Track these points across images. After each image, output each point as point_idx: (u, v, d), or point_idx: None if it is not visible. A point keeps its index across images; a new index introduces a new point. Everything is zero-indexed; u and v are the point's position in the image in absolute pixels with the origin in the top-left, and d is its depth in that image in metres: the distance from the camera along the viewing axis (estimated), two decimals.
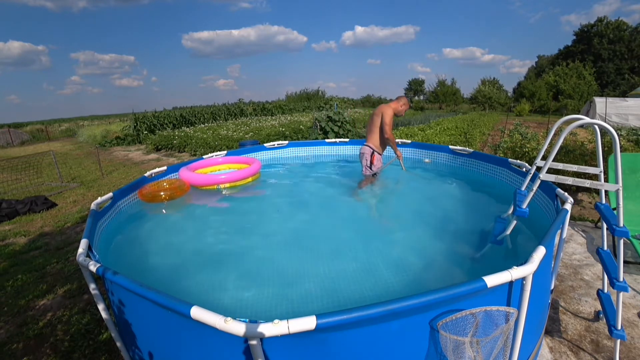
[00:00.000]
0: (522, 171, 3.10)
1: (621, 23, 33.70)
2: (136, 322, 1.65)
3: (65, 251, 3.91)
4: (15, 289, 3.12)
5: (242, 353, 1.19)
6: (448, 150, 4.35)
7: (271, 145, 5.25)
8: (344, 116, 10.25)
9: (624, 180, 1.78)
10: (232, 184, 3.89)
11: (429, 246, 2.51)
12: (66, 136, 23.90)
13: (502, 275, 1.26)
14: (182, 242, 2.77)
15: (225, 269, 2.32)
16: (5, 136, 20.79)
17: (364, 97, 47.27)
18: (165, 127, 17.59)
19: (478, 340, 1.27)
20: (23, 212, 5.34)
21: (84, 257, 1.65)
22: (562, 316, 2.43)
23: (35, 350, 2.32)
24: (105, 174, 8.48)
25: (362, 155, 4.02)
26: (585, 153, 5.29)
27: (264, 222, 3.16)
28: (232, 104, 25.98)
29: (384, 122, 3.83)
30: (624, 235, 1.72)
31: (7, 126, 25.40)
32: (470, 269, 2.19)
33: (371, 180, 4.02)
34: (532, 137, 7.51)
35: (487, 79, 38.14)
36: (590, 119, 1.77)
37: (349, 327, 1.19)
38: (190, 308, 1.17)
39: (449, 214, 3.08)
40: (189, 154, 11.10)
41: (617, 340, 1.92)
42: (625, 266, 2.79)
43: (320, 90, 40.02)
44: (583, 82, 29.45)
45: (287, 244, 2.67)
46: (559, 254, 2.11)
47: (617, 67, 32.93)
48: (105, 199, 2.67)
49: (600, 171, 1.84)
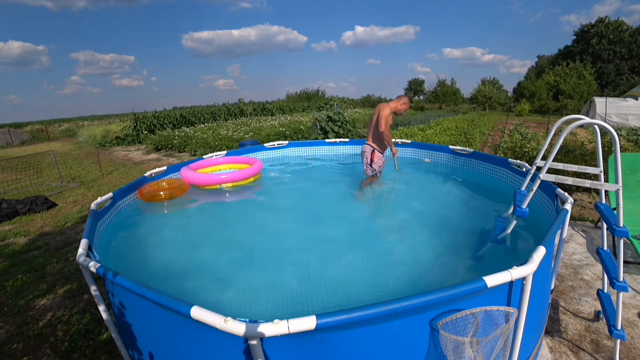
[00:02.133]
0: (522, 171, 3.10)
1: (621, 23, 33.71)
2: (136, 322, 1.65)
3: (65, 251, 3.91)
4: (16, 289, 3.12)
5: (242, 353, 1.19)
6: (448, 150, 4.35)
7: (271, 145, 5.25)
8: (344, 116, 10.25)
9: (624, 180, 1.78)
10: (235, 184, 3.89)
11: (429, 246, 2.51)
12: (66, 136, 23.89)
13: (502, 275, 1.26)
14: (182, 241, 2.77)
15: (225, 269, 2.32)
16: (5, 136, 20.78)
17: (364, 97, 47.23)
18: (165, 127, 17.58)
19: (478, 340, 1.27)
20: (23, 212, 5.34)
21: (84, 257, 1.65)
22: (562, 316, 2.43)
23: (35, 350, 2.32)
24: (105, 174, 8.47)
25: (363, 154, 4.02)
26: (585, 153, 5.29)
27: (264, 222, 3.16)
28: (232, 104, 25.95)
29: (379, 117, 3.81)
30: (624, 235, 1.72)
31: (7, 126, 25.37)
32: (470, 269, 2.19)
33: (372, 179, 4.01)
34: (532, 137, 7.50)
35: (487, 79, 38.16)
36: (590, 119, 1.77)
37: (349, 327, 1.19)
38: (190, 308, 1.17)
39: (449, 214, 3.08)
40: (189, 154, 11.10)
41: (617, 340, 1.92)
42: (625, 266, 2.79)
43: (320, 90, 40.05)
44: (583, 82, 29.45)
45: (287, 244, 2.67)
46: (559, 254, 2.11)
47: (617, 67, 32.93)
48: (105, 199, 2.67)
49: (600, 171, 1.84)
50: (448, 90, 39.35)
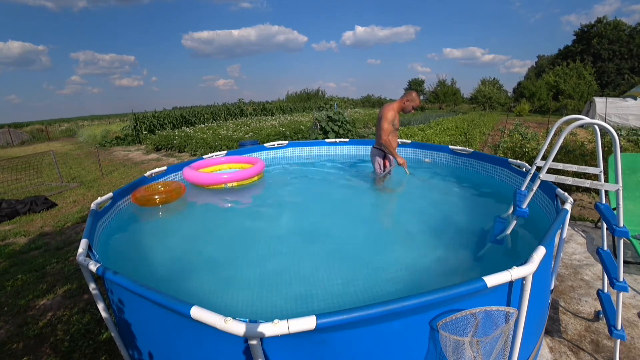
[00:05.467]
0: (522, 171, 3.10)
1: (620, 23, 33.70)
2: (136, 322, 1.65)
3: (65, 251, 3.91)
4: (16, 289, 3.12)
5: (242, 353, 1.19)
6: (448, 150, 4.35)
7: (271, 145, 5.25)
8: (344, 116, 10.25)
9: (624, 180, 1.78)
10: (239, 183, 3.90)
11: (428, 246, 2.51)
12: (66, 136, 23.89)
13: (502, 275, 1.26)
14: (182, 241, 2.77)
15: (225, 269, 2.32)
16: (5, 136, 20.78)
17: (364, 97, 47.28)
18: (165, 127, 17.58)
19: (478, 340, 1.27)
20: (23, 212, 5.34)
21: (84, 257, 1.65)
22: (562, 316, 2.43)
23: (35, 350, 2.32)
24: (105, 174, 8.47)
25: (374, 157, 3.93)
26: (585, 153, 5.29)
27: (263, 222, 3.15)
28: (232, 104, 25.93)
29: (380, 127, 3.58)
30: (624, 235, 1.72)
31: (7, 126, 25.36)
32: (470, 269, 2.19)
33: (381, 180, 3.93)
34: (532, 137, 7.50)
35: (487, 79, 38.17)
36: (590, 119, 1.77)
37: (349, 327, 1.19)
38: (190, 308, 1.16)
39: (449, 214, 3.07)
40: (189, 154, 11.10)
41: (617, 340, 1.92)
42: (625, 266, 2.79)
43: (320, 90, 40.09)
44: (583, 82, 29.47)
45: (286, 244, 2.67)
46: (559, 254, 2.11)
47: (617, 67, 32.94)
48: (105, 199, 2.67)
49: (600, 171, 1.84)
50: (448, 90, 39.39)
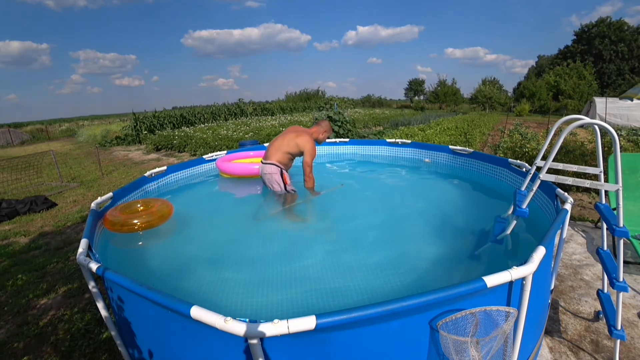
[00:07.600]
0: (522, 171, 3.10)
1: (622, 23, 33.69)
2: (136, 322, 1.65)
3: (66, 251, 3.91)
4: (16, 289, 3.12)
5: (242, 353, 1.19)
6: (448, 150, 4.34)
7: None
8: (344, 116, 10.25)
9: (624, 180, 1.78)
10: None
11: (428, 246, 2.51)
12: (66, 136, 23.88)
13: (502, 275, 1.26)
14: (182, 241, 2.77)
15: (225, 269, 2.32)
16: (5, 136, 20.78)
17: (364, 97, 47.31)
18: (165, 127, 17.58)
19: (478, 340, 1.28)
20: (23, 212, 5.34)
21: (84, 257, 1.65)
22: (562, 316, 2.43)
23: (35, 350, 2.33)
24: (105, 174, 8.47)
25: (270, 175, 3.25)
26: (585, 153, 5.29)
27: (264, 221, 3.16)
28: (232, 104, 25.93)
29: (304, 162, 3.14)
30: (624, 235, 1.71)
31: (7, 126, 25.37)
32: (470, 268, 2.19)
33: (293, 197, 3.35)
34: (532, 137, 7.51)
35: (487, 79, 38.19)
36: (590, 119, 1.77)
37: (349, 327, 1.19)
38: (190, 308, 1.17)
39: (449, 214, 3.08)
40: (189, 154, 11.09)
41: (617, 341, 1.92)
42: (625, 266, 2.79)
43: (320, 90, 40.06)
44: (583, 82, 29.47)
45: (285, 243, 2.67)
46: (559, 254, 2.11)
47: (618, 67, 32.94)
48: (105, 198, 2.67)
49: (600, 171, 1.84)
50: (448, 90, 39.37)
